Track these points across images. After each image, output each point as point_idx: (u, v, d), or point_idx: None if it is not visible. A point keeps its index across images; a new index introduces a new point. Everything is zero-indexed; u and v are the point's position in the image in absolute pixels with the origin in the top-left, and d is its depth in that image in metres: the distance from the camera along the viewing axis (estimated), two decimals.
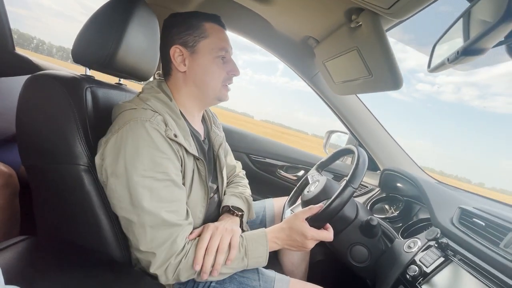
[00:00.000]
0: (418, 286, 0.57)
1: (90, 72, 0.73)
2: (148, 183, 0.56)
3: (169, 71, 0.71)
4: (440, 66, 0.51)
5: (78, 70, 0.76)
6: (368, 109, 1.14)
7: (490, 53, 0.46)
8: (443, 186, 0.96)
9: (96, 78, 0.74)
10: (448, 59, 0.47)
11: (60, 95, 0.60)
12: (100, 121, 0.65)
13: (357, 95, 1.13)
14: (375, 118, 1.14)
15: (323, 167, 0.97)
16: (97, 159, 0.59)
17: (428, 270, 0.59)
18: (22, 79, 0.64)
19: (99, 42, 0.65)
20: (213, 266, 0.60)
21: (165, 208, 0.57)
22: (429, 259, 0.61)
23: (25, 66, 1.41)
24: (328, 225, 0.69)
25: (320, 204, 0.70)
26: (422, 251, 0.65)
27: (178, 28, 0.68)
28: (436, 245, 0.62)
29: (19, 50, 1.25)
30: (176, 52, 0.67)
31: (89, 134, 0.62)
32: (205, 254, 0.60)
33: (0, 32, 1.36)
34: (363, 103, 1.13)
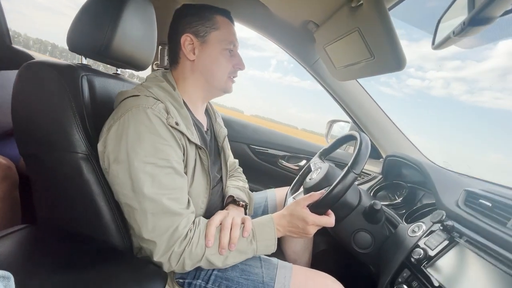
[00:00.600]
0: (423, 269, 0.57)
1: (86, 63, 0.72)
2: (149, 169, 0.56)
3: (177, 59, 0.71)
4: (446, 41, 0.50)
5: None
6: (370, 95, 1.12)
7: (494, 27, 0.44)
8: (448, 170, 0.94)
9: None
10: (453, 32, 0.45)
11: (55, 82, 0.59)
12: (98, 110, 0.64)
13: (359, 81, 1.11)
14: (377, 104, 1.12)
15: (325, 154, 0.96)
16: (100, 146, 0.59)
17: (432, 254, 0.58)
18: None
19: (94, 29, 0.64)
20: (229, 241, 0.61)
21: (166, 195, 0.57)
22: (434, 241, 0.60)
23: (23, 60, 1.40)
24: (329, 211, 0.68)
25: (322, 190, 0.70)
26: (427, 235, 0.64)
27: (190, 18, 0.69)
28: (441, 227, 0.61)
29: None
30: (187, 40, 0.68)
31: (87, 122, 0.61)
32: (221, 232, 0.62)
33: None
34: (364, 89, 1.11)
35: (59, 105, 0.59)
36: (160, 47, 1.23)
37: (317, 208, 0.66)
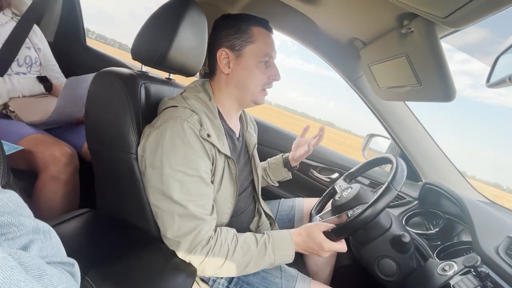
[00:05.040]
0: None
1: (145, 68, 0.81)
2: (179, 177, 0.61)
3: (214, 70, 0.75)
4: (501, 84, 0.47)
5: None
6: (415, 116, 1.06)
7: None
8: (495, 209, 0.86)
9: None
10: (510, 78, 0.42)
11: (120, 91, 0.68)
12: (150, 114, 0.72)
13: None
14: (421, 125, 1.06)
15: (351, 177, 0.93)
16: (139, 149, 0.67)
17: None
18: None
19: (154, 42, 0.72)
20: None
21: (192, 201, 0.62)
22: (464, 286, 0.57)
23: (96, 59, 1.59)
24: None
25: (343, 215, 0.69)
26: (457, 277, 0.61)
27: (227, 31, 0.71)
28: (474, 273, 0.58)
29: None
30: (222, 54, 0.71)
31: (141, 126, 0.70)
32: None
33: (75, 27, 1.56)
34: (409, 109, 1.06)
35: (121, 111, 0.68)
36: None
37: (338, 233, 0.65)
